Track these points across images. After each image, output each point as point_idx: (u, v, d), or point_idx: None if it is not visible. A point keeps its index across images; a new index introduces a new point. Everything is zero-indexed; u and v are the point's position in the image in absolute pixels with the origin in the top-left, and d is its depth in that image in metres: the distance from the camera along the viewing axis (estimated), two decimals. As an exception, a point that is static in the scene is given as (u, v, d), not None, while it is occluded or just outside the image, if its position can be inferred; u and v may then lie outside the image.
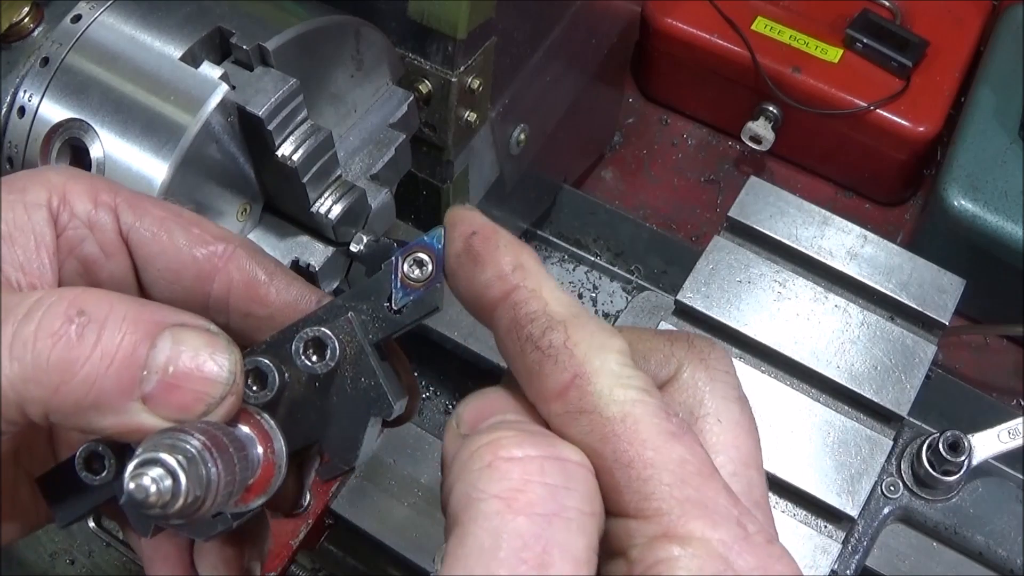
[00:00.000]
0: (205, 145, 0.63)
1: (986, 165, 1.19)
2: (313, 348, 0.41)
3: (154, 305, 0.39)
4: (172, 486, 0.34)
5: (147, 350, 0.37)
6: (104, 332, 0.37)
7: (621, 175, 1.44)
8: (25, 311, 0.37)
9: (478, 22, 0.79)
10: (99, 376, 0.36)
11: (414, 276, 0.40)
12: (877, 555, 0.84)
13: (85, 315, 0.37)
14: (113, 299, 0.38)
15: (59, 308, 0.37)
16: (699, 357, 0.41)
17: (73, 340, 0.36)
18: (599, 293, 1.23)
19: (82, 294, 0.38)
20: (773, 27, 1.34)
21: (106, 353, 0.36)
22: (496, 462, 0.34)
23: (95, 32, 0.65)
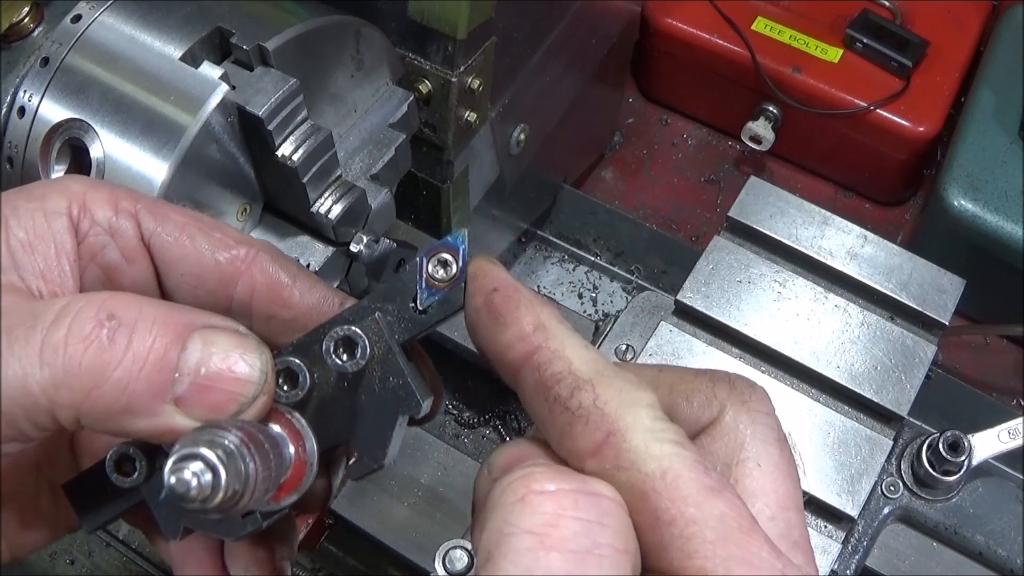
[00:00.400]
0: (205, 145, 0.63)
1: (986, 165, 1.19)
2: (343, 347, 0.41)
3: (183, 308, 0.40)
4: (212, 480, 0.34)
5: (178, 352, 0.37)
6: (135, 335, 0.37)
7: (621, 175, 1.44)
8: (53, 316, 0.37)
9: (478, 22, 0.79)
10: (131, 379, 0.36)
11: (439, 276, 0.41)
12: (877, 555, 0.84)
13: (115, 319, 0.37)
14: (142, 302, 0.38)
15: (89, 312, 0.37)
16: (741, 400, 0.42)
17: (104, 344, 0.36)
18: (599, 293, 1.23)
19: (111, 298, 0.38)
20: (773, 27, 1.34)
21: (138, 356, 0.36)
22: (529, 496, 0.34)
23: (95, 32, 0.65)
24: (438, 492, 0.92)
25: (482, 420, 1.10)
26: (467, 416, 1.10)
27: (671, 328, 0.87)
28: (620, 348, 0.91)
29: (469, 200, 0.97)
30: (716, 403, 0.42)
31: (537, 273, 1.24)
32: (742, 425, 0.41)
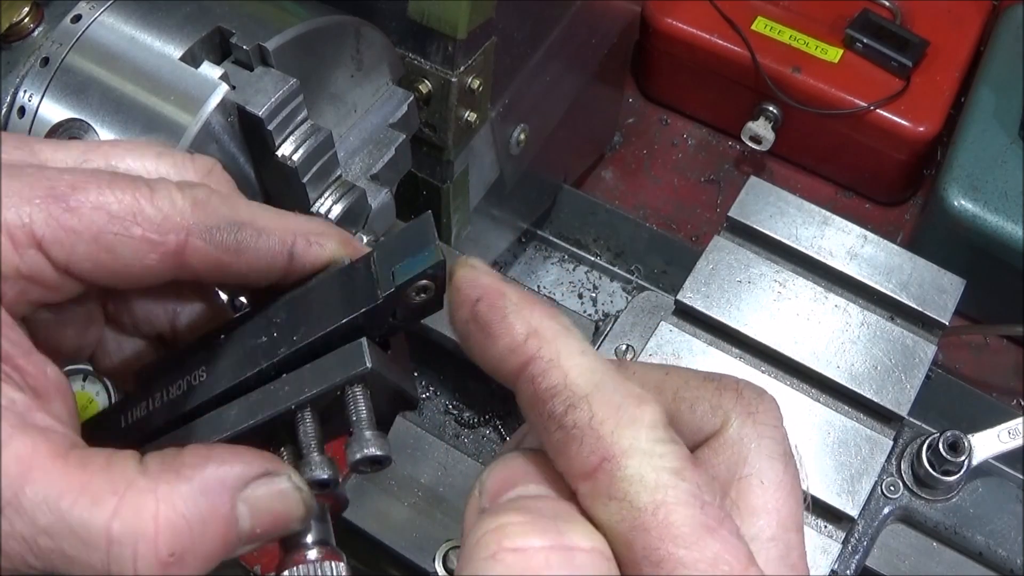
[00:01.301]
0: (205, 145, 0.63)
1: (986, 165, 1.18)
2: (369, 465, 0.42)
3: (213, 477, 0.39)
4: None
5: (235, 528, 0.39)
6: (198, 551, 0.38)
7: (621, 175, 1.44)
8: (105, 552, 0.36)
9: (478, 22, 0.79)
10: (208, 566, 0.38)
11: (417, 301, 0.42)
12: (877, 555, 0.84)
13: (175, 553, 0.37)
14: (183, 511, 0.37)
15: (150, 559, 0.37)
16: (747, 411, 0.40)
17: (179, 571, 0.37)
18: (599, 293, 1.23)
19: (159, 535, 0.37)
20: (773, 27, 1.34)
21: (207, 558, 0.38)
22: (500, 553, 0.33)
23: (95, 32, 0.65)
24: (438, 492, 0.92)
25: (482, 420, 1.10)
26: (467, 416, 1.10)
27: (671, 328, 0.87)
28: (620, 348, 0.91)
29: (469, 200, 0.97)
30: (721, 412, 0.40)
31: (537, 273, 1.24)
32: (747, 438, 0.39)
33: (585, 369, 0.36)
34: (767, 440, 0.39)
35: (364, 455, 0.41)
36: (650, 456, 0.34)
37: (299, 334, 0.42)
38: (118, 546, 0.36)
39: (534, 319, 0.37)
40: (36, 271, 0.40)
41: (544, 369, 0.36)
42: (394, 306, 0.42)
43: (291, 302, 0.44)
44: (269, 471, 0.40)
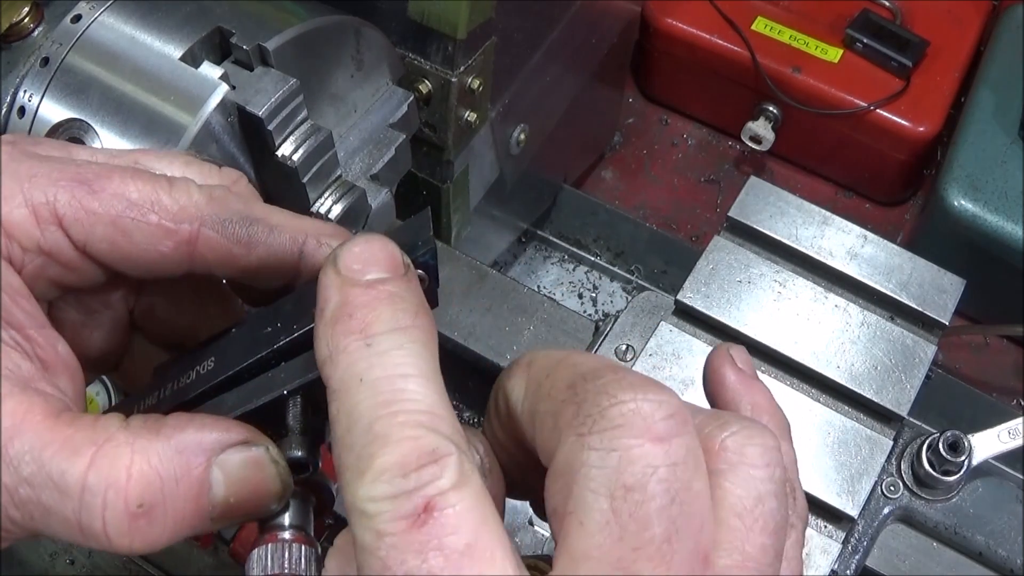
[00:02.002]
0: (205, 145, 0.63)
1: (986, 165, 1.19)
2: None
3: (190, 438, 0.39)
4: None
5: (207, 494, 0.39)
6: (168, 508, 0.38)
7: (621, 175, 1.44)
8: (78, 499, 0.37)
9: (478, 22, 0.79)
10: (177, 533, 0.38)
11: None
12: (877, 555, 0.84)
13: (144, 505, 0.37)
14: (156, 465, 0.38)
15: (118, 506, 0.37)
16: (577, 432, 0.33)
17: (147, 528, 0.38)
18: (599, 293, 1.23)
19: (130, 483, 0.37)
20: (773, 27, 1.35)
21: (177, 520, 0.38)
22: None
23: (95, 32, 0.65)
24: (438, 492, 0.92)
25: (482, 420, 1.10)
26: (467, 416, 1.10)
27: (671, 328, 0.87)
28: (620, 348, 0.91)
29: (469, 200, 0.97)
30: (557, 433, 0.34)
31: (537, 273, 1.24)
32: (571, 468, 0.32)
33: (349, 407, 0.34)
34: (592, 470, 0.32)
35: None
36: (361, 516, 0.32)
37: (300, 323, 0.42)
38: (90, 494, 0.37)
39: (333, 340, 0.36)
40: (56, 248, 0.41)
41: (329, 400, 0.35)
42: None
43: (299, 294, 0.45)
44: (248, 440, 0.40)
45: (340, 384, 0.34)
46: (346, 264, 0.37)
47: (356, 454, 0.32)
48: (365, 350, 0.34)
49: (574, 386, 0.34)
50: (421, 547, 0.30)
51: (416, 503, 0.31)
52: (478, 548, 0.31)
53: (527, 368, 0.38)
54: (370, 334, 0.34)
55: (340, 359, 0.34)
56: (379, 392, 0.33)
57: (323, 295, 0.37)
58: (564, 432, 0.33)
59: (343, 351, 0.34)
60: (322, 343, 0.36)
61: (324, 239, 0.45)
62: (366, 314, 0.35)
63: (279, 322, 0.43)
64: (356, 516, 0.32)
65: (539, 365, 0.37)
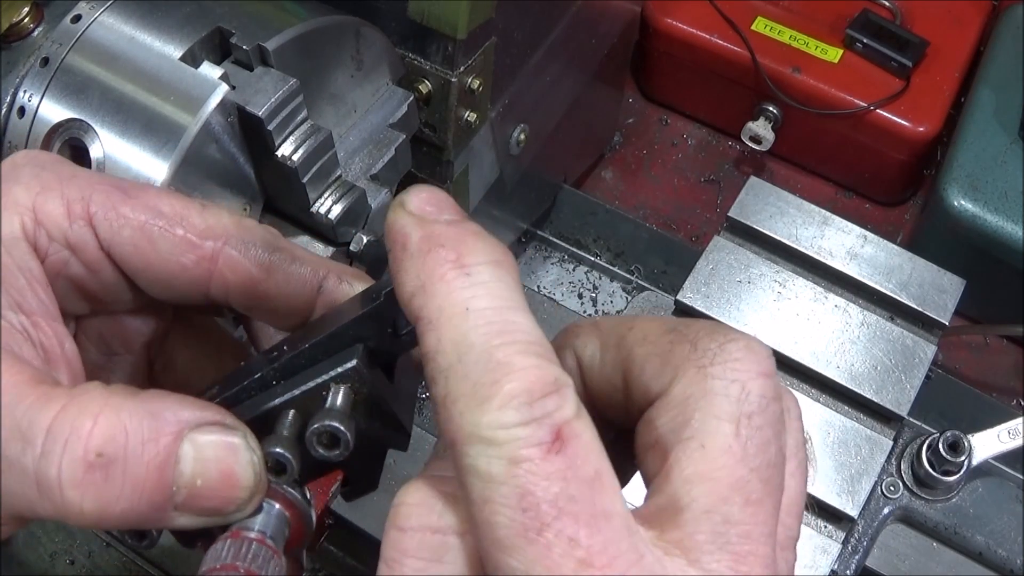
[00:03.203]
0: (205, 145, 0.63)
1: (986, 165, 1.18)
2: (327, 439, 0.40)
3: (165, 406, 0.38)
4: None
5: (173, 467, 0.37)
6: (128, 467, 0.37)
7: (621, 175, 1.44)
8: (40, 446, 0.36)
9: (478, 22, 0.79)
10: (134, 505, 0.37)
11: None
12: (877, 555, 0.84)
13: (104, 456, 0.36)
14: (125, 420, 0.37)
15: (77, 452, 0.36)
16: (697, 365, 0.35)
17: (101, 485, 0.36)
18: (599, 293, 1.23)
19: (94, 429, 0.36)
20: (773, 27, 1.34)
21: (136, 486, 0.37)
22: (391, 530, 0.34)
23: (95, 32, 0.65)
24: (438, 492, 0.92)
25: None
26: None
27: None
28: (620, 348, 0.91)
29: (469, 200, 0.97)
30: (670, 369, 0.35)
31: (537, 273, 1.24)
32: (693, 397, 0.34)
33: (457, 335, 0.32)
34: (718, 398, 0.34)
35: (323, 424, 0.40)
36: (488, 444, 0.31)
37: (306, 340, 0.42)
38: (51, 440, 0.36)
39: (424, 270, 0.33)
40: (81, 243, 0.42)
41: (423, 332, 0.33)
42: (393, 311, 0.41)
43: (318, 319, 0.45)
44: (226, 424, 0.39)
45: (440, 313, 0.32)
46: (418, 206, 0.35)
47: (473, 381, 0.31)
48: (465, 279, 0.33)
49: (676, 330, 0.36)
50: (561, 474, 0.30)
51: (548, 430, 0.31)
52: (603, 477, 0.31)
53: (595, 328, 0.39)
54: (466, 264, 0.33)
55: (437, 288, 0.33)
56: (491, 321, 0.32)
57: (400, 232, 0.35)
58: (681, 367, 0.35)
59: (440, 279, 0.33)
60: (410, 275, 0.34)
61: (346, 277, 0.45)
62: (458, 245, 0.34)
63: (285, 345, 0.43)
64: (479, 445, 0.31)
65: (608, 324, 0.39)
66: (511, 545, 0.30)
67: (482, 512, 0.31)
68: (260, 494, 0.40)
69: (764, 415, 0.34)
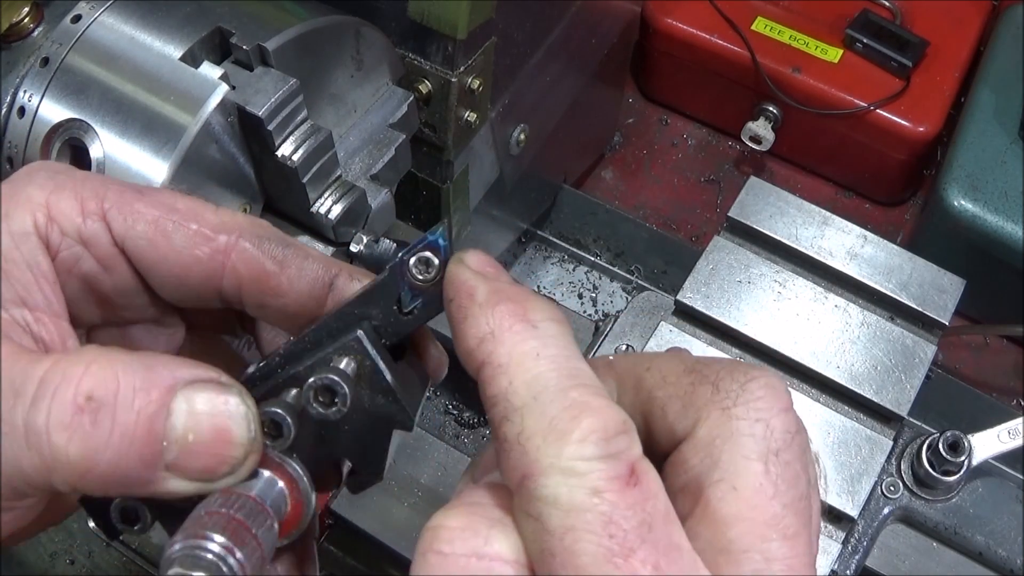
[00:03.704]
0: (205, 145, 0.63)
1: (986, 165, 1.19)
2: (323, 395, 0.40)
3: (161, 362, 0.38)
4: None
5: (164, 420, 0.37)
6: (118, 414, 0.36)
7: (621, 175, 1.44)
8: (31, 396, 0.36)
9: (478, 22, 0.79)
10: (122, 458, 0.36)
11: (421, 278, 0.40)
12: (877, 555, 0.84)
13: (94, 399, 0.36)
14: (118, 368, 0.37)
15: (66, 395, 0.36)
16: (721, 407, 0.36)
17: (88, 430, 0.36)
18: (599, 293, 1.23)
19: (86, 375, 0.36)
20: (773, 27, 1.34)
21: (124, 435, 0.36)
22: (428, 553, 0.34)
23: (95, 32, 0.65)
24: (438, 492, 0.92)
25: (482, 420, 1.10)
26: (467, 416, 1.10)
27: (671, 328, 0.87)
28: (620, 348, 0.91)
29: (469, 200, 0.97)
30: (693, 411, 0.36)
31: (537, 273, 1.24)
32: (720, 438, 0.35)
33: (529, 377, 0.34)
34: (745, 438, 0.35)
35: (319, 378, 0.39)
36: (568, 475, 0.32)
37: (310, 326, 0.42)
38: (43, 388, 0.36)
39: (494, 320, 0.35)
40: (94, 238, 0.42)
41: (491, 375, 0.35)
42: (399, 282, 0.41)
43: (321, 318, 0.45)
44: (221, 382, 0.39)
45: (510, 358, 0.34)
46: (479, 265, 0.38)
47: (551, 417, 0.33)
48: (533, 331, 0.35)
49: (695, 371, 0.37)
50: (640, 505, 0.32)
51: (625, 465, 0.32)
52: (671, 512, 0.33)
53: (610, 368, 0.40)
54: (532, 318, 0.35)
55: (506, 336, 0.35)
56: (562, 367, 0.34)
57: (465, 284, 0.37)
58: (704, 408, 0.36)
59: (508, 329, 0.35)
60: (479, 322, 0.36)
61: (357, 275, 0.45)
62: (523, 302, 0.36)
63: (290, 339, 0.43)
64: (559, 476, 0.32)
65: (623, 365, 0.40)
66: (596, 573, 0.31)
67: (563, 541, 0.31)
68: (255, 454, 0.39)
69: (791, 450, 0.35)
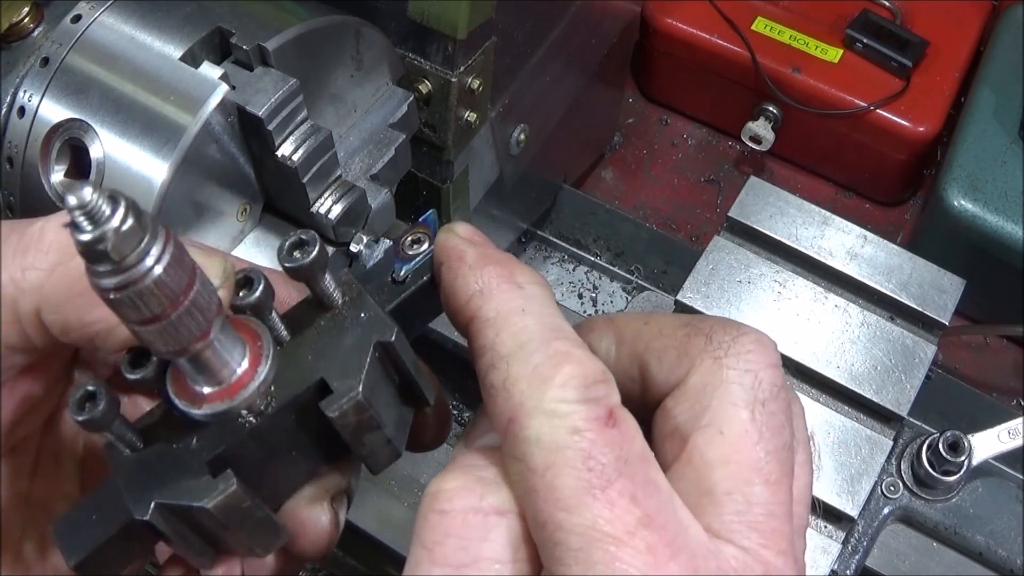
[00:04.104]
0: (205, 145, 0.63)
1: (986, 165, 1.18)
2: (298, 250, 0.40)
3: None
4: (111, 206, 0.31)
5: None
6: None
7: (621, 175, 1.44)
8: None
9: (478, 22, 0.79)
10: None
11: (413, 251, 0.44)
12: (877, 555, 0.84)
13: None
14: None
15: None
16: (713, 356, 0.37)
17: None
18: (599, 293, 1.23)
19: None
20: (773, 27, 1.34)
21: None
22: (429, 514, 0.35)
23: (95, 32, 0.65)
24: (438, 492, 0.92)
25: (482, 420, 1.10)
26: (467, 416, 1.10)
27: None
28: (620, 348, 0.91)
29: (469, 200, 0.97)
30: (687, 360, 0.38)
31: (537, 273, 1.24)
32: (710, 386, 0.37)
33: (516, 329, 0.36)
34: (734, 387, 0.36)
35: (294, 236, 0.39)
36: (551, 416, 0.33)
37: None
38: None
39: (483, 279, 0.38)
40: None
41: (479, 329, 0.37)
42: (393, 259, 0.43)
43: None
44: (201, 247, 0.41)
45: (497, 313, 0.37)
46: (467, 233, 0.40)
47: (535, 364, 0.35)
48: (519, 290, 0.37)
49: (690, 324, 0.39)
50: (617, 444, 0.33)
51: (603, 408, 0.34)
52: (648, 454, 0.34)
53: (611, 323, 0.41)
54: (518, 281, 0.38)
55: (495, 294, 0.37)
56: (545, 322, 0.36)
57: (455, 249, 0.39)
58: (698, 358, 0.37)
59: (496, 288, 0.37)
60: (468, 281, 0.38)
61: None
62: (509, 265, 0.38)
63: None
64: (541, 417, 0.33)
65: (622, 321, 0.42)
66: (576, 504, 0.32)
67: (544, 478, 0.33)
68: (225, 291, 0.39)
69: (776, 402, 0.37)
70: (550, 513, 0.33)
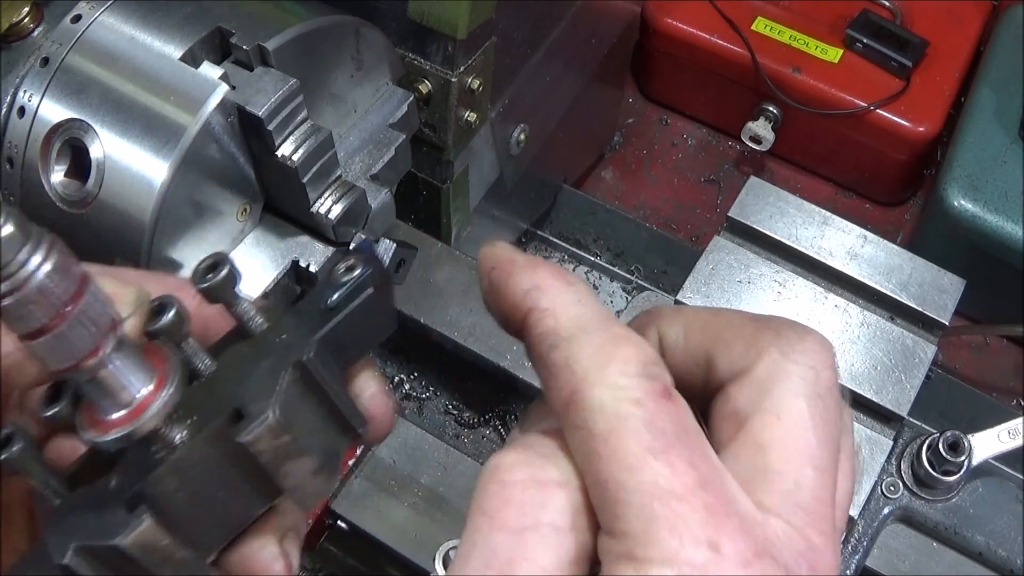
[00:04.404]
0: (205, 145, 0.63)
1: (986, 165, 1.19)
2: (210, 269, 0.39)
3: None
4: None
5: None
6: None
7: (621, 175, 1.44)
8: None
9: (478, 22, 0.79)
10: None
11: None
12: (877, 555, 0.84)
13: None
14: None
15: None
16: (780, 349, 0.39)
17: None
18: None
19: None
20: (773, 27, 1.34)
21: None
22: (489, 485, 0.37)
23: (95, 32, 0.65)
24: (438, 492, 0.92)
25: (482, 420, 1.10)
26: (467, 416, 1.10)
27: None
28: (620, 348, 0.91)
29: (469, 200, 0.97)
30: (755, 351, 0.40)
31: (537, 273, 1.25)
32: (775, 375, 0.39)
33: (575, 316, 0.38)
34: (795, 379, 0.39)
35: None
36: (613, 388, 0.36)
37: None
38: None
39: (537, 276, 0.40)
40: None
41: (539, 317, 0.39)
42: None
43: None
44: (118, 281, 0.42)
45: (556, 303, 0.39)
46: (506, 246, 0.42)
47: (596, 344, 0.37)
48: (571, 286, 0.39)
49: (759, 320, 0.41)
50: (674, 417, 0.35)
51: (661, 384, 0.36)
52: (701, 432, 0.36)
53: (680, 313, 0.44)
54: (568, 279, 0.40)
55: (551, 288, 0.39)
56: (600, 312, 0.39)
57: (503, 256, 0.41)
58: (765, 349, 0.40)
59: (552, 283, 0.39)
60: (523, 279, 0.40)
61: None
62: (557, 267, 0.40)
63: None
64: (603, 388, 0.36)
65: (691, 311, 0.44)
66: (638, 463, 0.34)
67: (607, 442, 0.35)
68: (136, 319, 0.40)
69: (832, 398, 0.39)
70: (612, 472, 0.34)
